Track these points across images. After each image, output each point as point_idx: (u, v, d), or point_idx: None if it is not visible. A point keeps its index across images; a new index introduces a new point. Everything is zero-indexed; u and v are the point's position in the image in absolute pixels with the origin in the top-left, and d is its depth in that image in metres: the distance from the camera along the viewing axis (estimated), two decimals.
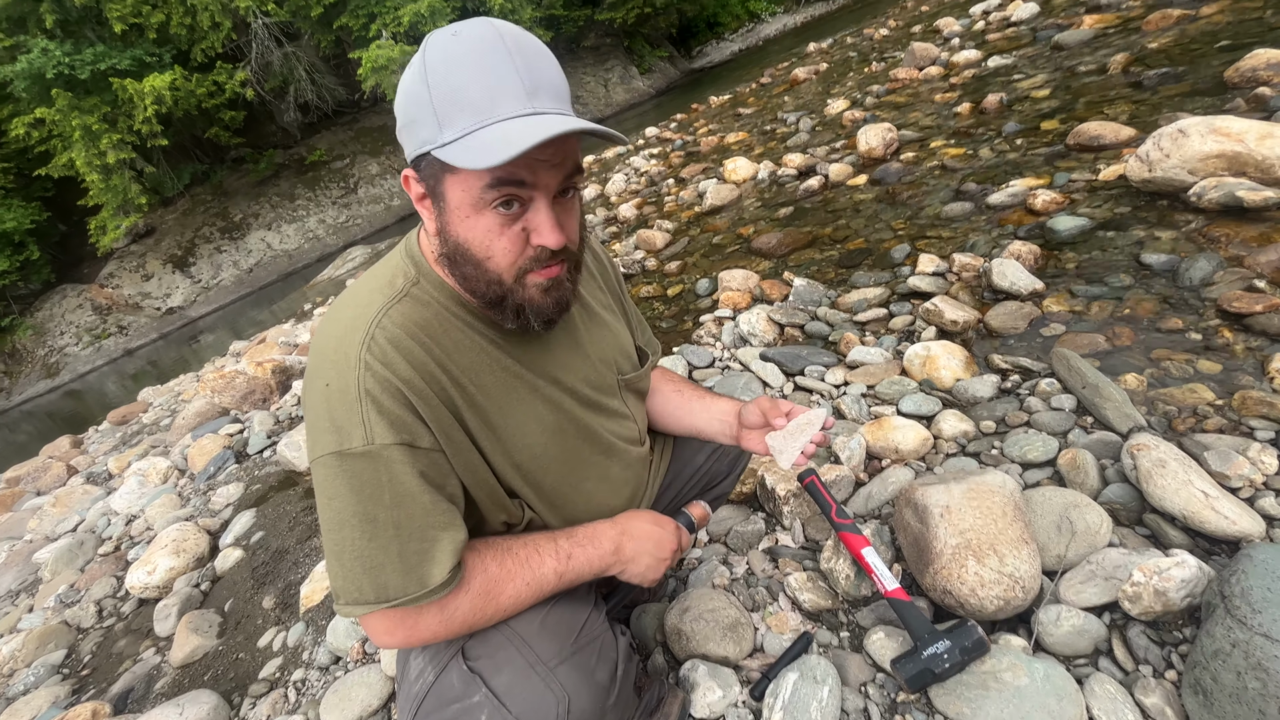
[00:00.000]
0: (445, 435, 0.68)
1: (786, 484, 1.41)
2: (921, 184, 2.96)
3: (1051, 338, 1.67)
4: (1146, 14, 3.91)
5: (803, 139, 4.66)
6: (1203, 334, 1.48)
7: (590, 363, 0.85)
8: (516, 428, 0.75)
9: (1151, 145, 2.04)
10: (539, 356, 0.78)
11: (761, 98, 7.53)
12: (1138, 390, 1.40)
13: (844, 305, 2.22)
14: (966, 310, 1.87)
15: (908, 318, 2.01)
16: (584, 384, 0.84)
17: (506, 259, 0.64)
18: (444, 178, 0.61)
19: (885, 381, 1.73)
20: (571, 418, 0.82)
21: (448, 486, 0.68)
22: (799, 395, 1.85)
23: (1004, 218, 2.36)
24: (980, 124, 3.38)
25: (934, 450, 1.47)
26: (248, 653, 1.72)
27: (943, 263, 2.19)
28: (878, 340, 1.97)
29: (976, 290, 2.00)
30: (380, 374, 0.64)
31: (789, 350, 2.04)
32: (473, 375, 0.71)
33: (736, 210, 3.76)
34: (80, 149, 13.59)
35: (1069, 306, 1.75)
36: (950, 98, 4.07)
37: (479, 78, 0.58)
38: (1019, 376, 1.59)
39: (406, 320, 0.68)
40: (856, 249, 2.62)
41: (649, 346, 1.03)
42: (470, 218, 0.62)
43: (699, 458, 1.11)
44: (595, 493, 0.86)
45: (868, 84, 5.54)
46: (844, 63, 7.40)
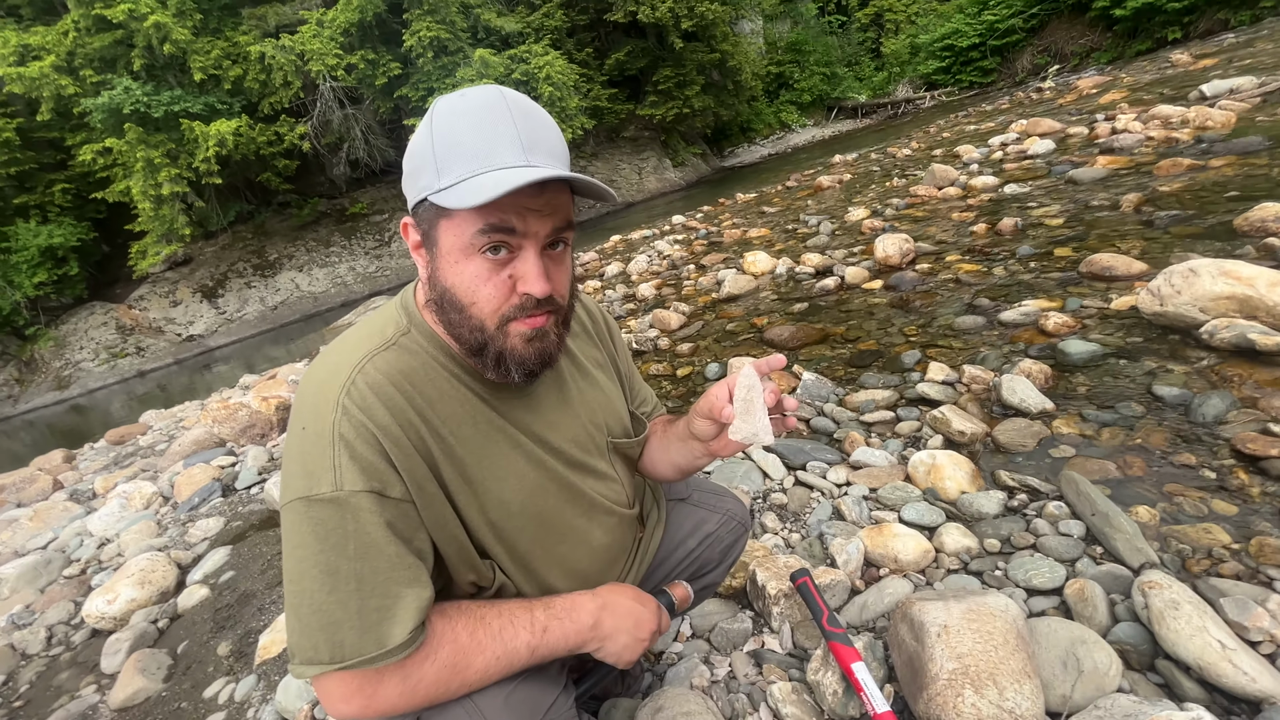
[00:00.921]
0: (418, 486, 0.66)
1: (778, 582, 1.35)
2: (935, 295, 3.02)
3: (1061, 460, 1.64)
4: (1157, 160, 4.11)
5: (822, 241, 4.82)
6: (1217, 473, 1.44)
7: (579, 423, 0.84)
8: (495, 482, 0.73)
9: (1163, 281, 2.08)
10: (525, 413, 0.77)
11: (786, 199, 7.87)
12: (1150, 524, 1.35)
13: (851, 404, 2.21)
14: (975, 422, 1.85)
15: (915, 424, 1.99)
16: (570, 444, 0.82)
17: (490, 305, 0.65)
18: (438, 223, 0.64)
19: (888, 486, 1.69)
20: (554, 476, 0.79)
21: (416, 540, 0.66)
22: (799, 491, 1.80)
23: (1015, 335, 2.38)
24: (995, 244, 3.48)
25: (935, 564, 1.40)
26: (191, 703, 1.61)
27: (953, 373, 2.19)
28: (883, 443, 1.94)
29: (985, 404, 1.98)
30: (356, 419, 0.63)
31: (793, 443, 2.01)
32: (453, 426, 0.70)
33: (752, 301, 3.84)
34: (139, 179, 14.40)
35: (1079, 430, 1.73)
36: (967, 217, 4.22)
37: (479, 130, 0.61)
38: (1026, 496, 1.54)
39: (390, 368, 0.68)
40: (867, 350, 2.64)
41: (645, 407, 1.01)
42: (459, 263, 0.64)
43: (690, 541, 1.07)
44: (572, 558, 0.82)
45: (888, 197, 5.79)
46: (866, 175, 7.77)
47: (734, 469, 1.93)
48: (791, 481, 1.86)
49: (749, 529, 1.16)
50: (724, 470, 1.95)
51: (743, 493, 1.82)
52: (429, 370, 0.70)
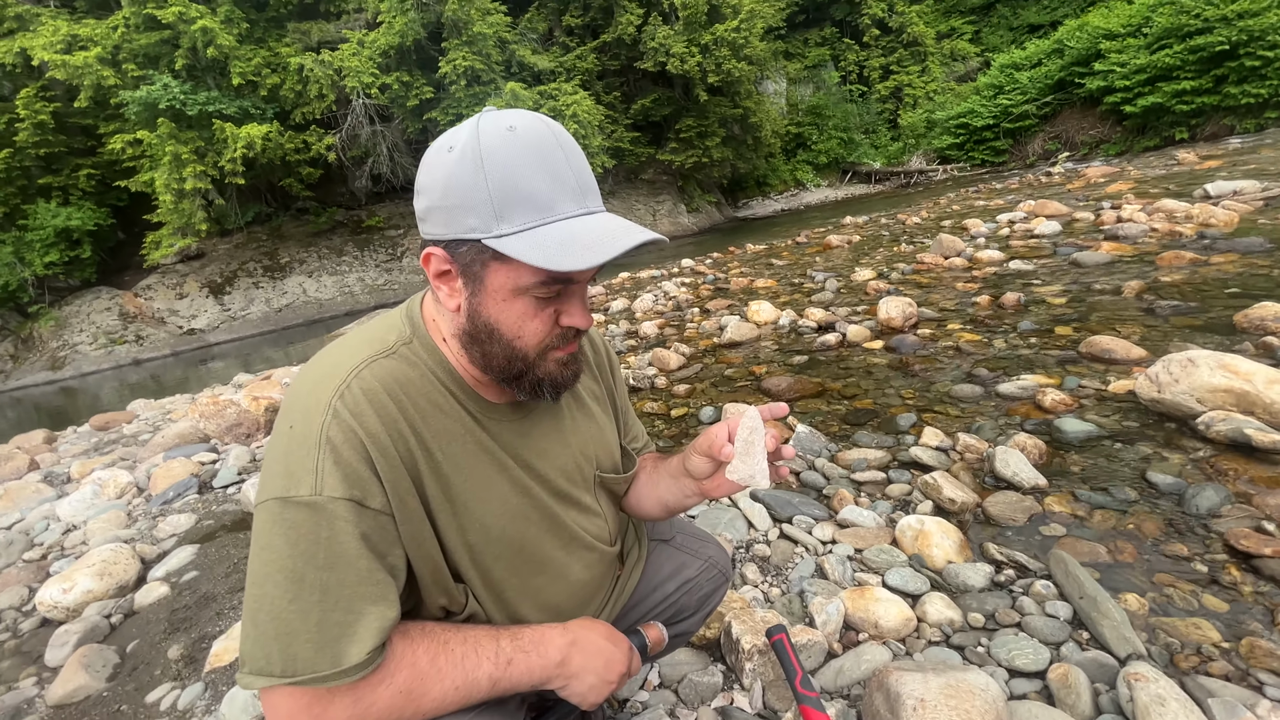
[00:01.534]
0: (399, 500, 0.65)
1: (754, 637, 1.30)
2: (935, 360, 3.03)
3: (1051, 538, 1.61)
4: (1161, 251, 4.19)
5: (827, 297, 4.87)
6: (1209, 567, 1.41)
7: (570, 453, 0.83)
8: (477, 504, 0.71)
9: (1161, 368, 2.08)
10: (516, 437, 0.76)
11: (795, 254, 7.99)
12: (1138, 613, 1.31)
13: (843, 461, 2.19)
14: (966, 491, 1.83)
15: (906, 487, 1.96)
16: (558, 474, 0.80)
17: (535, 339, 0.66)
18: (489, 264, 0.63)
19: (874, 548, 1.66)
20: (538, 505, 0.77)
21: (390, 556, 0.64)
22: (783, 544, 1.76)
23: (1012, 408, 2.37)
24: (997, 317, 3.51)
25: (916, 634, 1.36)
26: (131, 706, 1.54)
27: (947, 439, 2.18)
28: (872, 503, 1.91)
29: (978, 473, 1.96)
30: (346, 424, 0.62)
31: (781, 495, 1.98)
32: (443, 442, 0.69)
33: (753, 349, 3.86)
34: (164, 171, 14.66)
35: (1071, 509, 1.70)
36: (971, 288, 4.28)
37: (542, 177, 0.60)
38: (1014, 572, 1.51)
39: (388, 376, 0.67)
40: (863, 409, 2.63)
41: (636, 443, 1.00)
42: (508, 301, 0.64)
43: (669, 585, 1.04)
44: (547, 591, 0.80)
45: (895, 261, 5.88)
46: (875, 239, 7.90)
47: (719, 515, 1.90)
48: (776, 534, 1.83)
49: (729, 579, 1.13)
50: (709, 516, 1.91)
51: (726, 541, 1.78)
52: (425, 383, 0.69)
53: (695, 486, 0.82)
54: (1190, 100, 15.55)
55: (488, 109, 0.65)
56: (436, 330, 0.72)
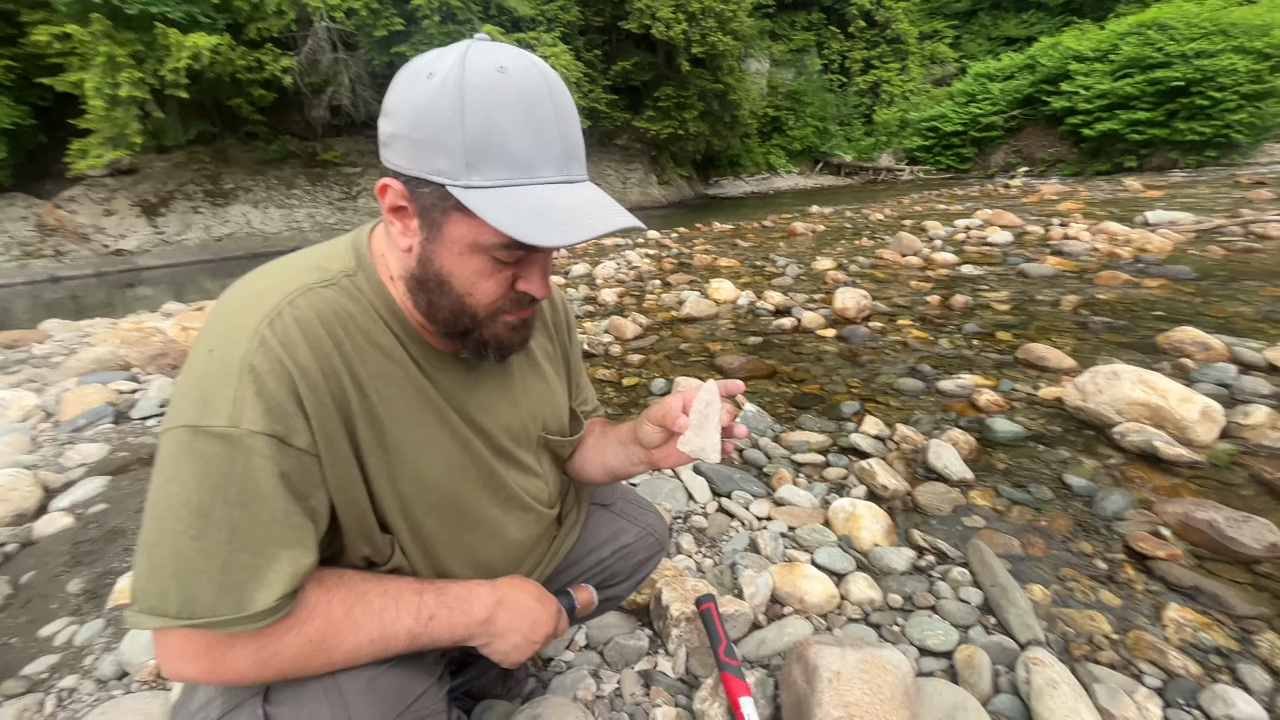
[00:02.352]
0: (327, 440, 0.61)
1: (682, 604, 1.32)
2: (883, 353, 3.12)
3: (971, 529, 1.69)
4: (1100, 270, 4.41)
5: (786, 282, 4.92)
6: (1108, 565, 1.51)
7: (516, 411, 0.80)
8: (413, 454, 0.68)
9: (1088, 378, 2.20)
10: (460, 390, 0.73)
11: (760, 236, 8.03)
12: (1042, 603, 1.40)
13: (786, 442, 2.23)
14: (899, 480, 1.89)
15: (842, 471, 2.02)
16: (502, 431, 0.78)
17: (488, 299, 0.63)
18: (451, 213, 0.58)
19: (807, 527, 1.70)
20: (478, 461, 0.75)
21: (311, 499, 0.60)
22: (720, 517, 1.79)
23: (949, 404, 2.47)
24: (945, 317, 3.63)
25: (838, 610, 1.41)
26: (22, 639, 1.45)
27: (886, 429, 2.25)
28: (809, 484, 1.96)
29: (912, 464, 2.04)
30: (275, 353, 0.57)
31: (722, 470, 2.01)
32: (380, 385, 0.65)
33: (710, 326, 3.87)
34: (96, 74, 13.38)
35: (992, 504, 1.79)
36: (924, 287, 4.40)
37: (525, 134, 0.56)
38: (934, 558, 1.58)
39: (325, 307, 0.62)
40: (810, 393, 2.68)
41: (586, 406, 0.98)
42: (464, 255, 0.60)
43: (604, 550, 1.04)
44: (480, 549, 0.78)
45: (855, 254, 5.99)
46: (838, 230, 8.02)
47: (660, 485, 1.91)
48: (715, 507, 1.85)
49: (665, 548, 1.13)
50: (650, 485, 1.92)
51: (665, 510, 1.80)
52: (367, 320, 0.65)
53: (644, 455, 0.82)
54: (1143, 130, 16.35)
55: (480, 37, 0.59)
56: (384, 266, 0.67)
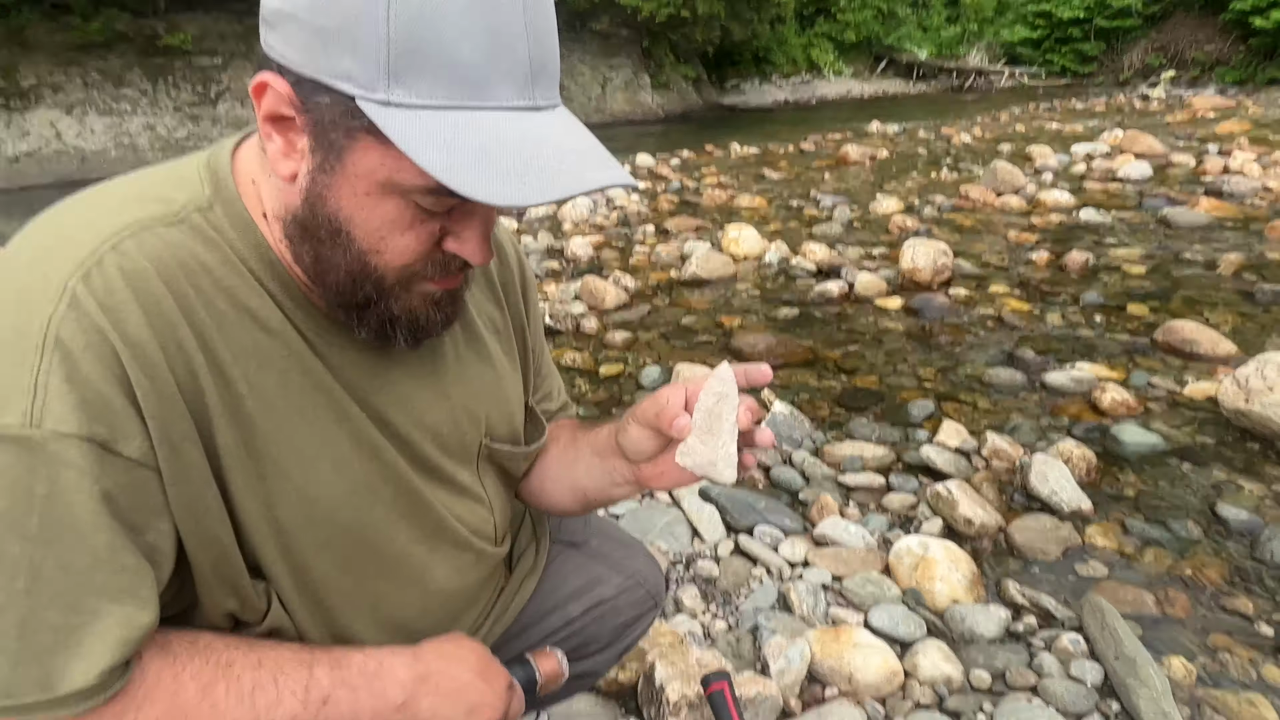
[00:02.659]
0: (171, 446, 0.59)
1: (684, 685, 1.33)
2: (968, 332, 3.14)
3: (1088, 580, 1.72)
4: (1272, 218, 4.45)
5: (834, 230, 4.94)
6: (1276, 630, 1.54)
7: (448, 407, 0.79)
8: (297, 467, 0.67)
9: (1254, 371, 2.23)
10: (368, 377, 0.72)
11: (797, 166, 8.03)
12: (1184, 683, 1.42)
13: (831, 457, 2.25)
14: (988, 510, 1.91)
15: (910, 498, 2.04)
16: (427, 436, 0.77)
17: (401, 259, 0.63)
18: (358, 136, 0.56)
19: (859, 576, 1.72)
20: (392, 477, 0.74)
21: (148, 531, 0.59)
22: (737, 562, 1.80)
23: (1060, 406, 2.49)
24: (1056, 282, 3.66)
25: (901, 692, 1.43)
26: None
27: (971, 439, 2.27)
28: (863, 517, 1.98)
29: (1006, 488, 2.06)
30: (93, 320, 0.55)
31: (740, 495, 2.02)
32: (250, 367, 0.64)
33: (725, 291, 3.88)
34: None
35: (1118, 544, 1.82)
36: (1027, 239, 4.43)
37: (479, 36, 0.54)
38: (1036, 620, 1.60)
39: (168, 254, 0.60)
40: (865, 388, 2.70)
41: (549, 403, 0.98)
42: (372, 197, 0.59)
43: (574, 606, 1.03)
44: (393, 602, 0.78)
45: (931, 191, 6.00)
46: (908, 158, 8.04)
47: (654, 516, 1.92)
48: (730, 548, 1.86)
49: (660, 605, 1.14)
50: (640, 516, 1.93)
51: (660, 553, 1.80)
52: (230, 274, 0.63)
53: (630, 472, 0.80)
54: None
55: None
56: (254, 198, 0.66)
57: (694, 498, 2.01)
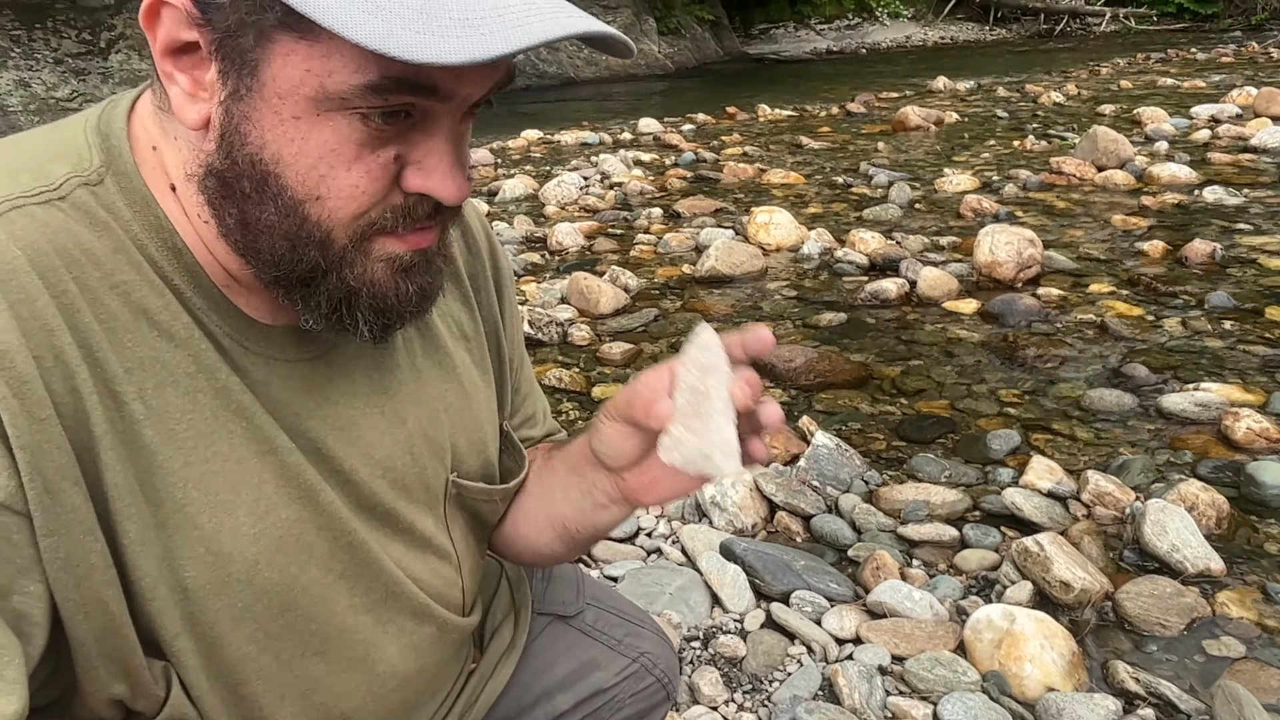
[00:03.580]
0: (45, 487, 0.59)
1: None
2: (1062, 342, 3.13)
3: (1220, 660, 1.70)
4: None
5: (891, 214, 4.94)
6: None
7: (404, 435, 0.80)
8: (206, 511, 0.67)
9: None
10: (301, 394, 0.72)
11: (842, 131, 8.06)
12: None
13: (889, 501, 2.24)
14: (1091, 572, 1.90)
15: (990, 555, 2.03)
16: (376, 472, 0.77)
17: (351, 205, 0.62)
18: (275, 36, 0.56)
19: (926, 657, 1.71)
20: (330, 524, 0.74)
21: (12, 594, 0.59)
22: (768, 636, 1.79)
23: (1181, 438, 2.48)
24: (1174, 279, 3.65)
25: None
26: None
27: (1068, 480, 2.25)
28: (930, 580, 1.97)
29: (1113, 543, 2.05)
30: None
31: (774, 552, 2.01)
32: (149, 384, 0.64)
33: (754, 291, 3.88)
34: None
35: (1257, 615, 1.80)
36: (1136, 224, 4.43)
37: None
38: (1154, 712, 1.59)
39: (45, 239, 0.61)
40: (932, 415, 2.69)
41: (532, 428, 0.98)
42: (302, 120, 0.59)
43: (563, 698, 1.03)
44: (330, 686, 0.78)
45: (1012, 163, 6.01)
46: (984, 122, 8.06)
47: (662, 579, 1.91)
48: (759, 619, 1.86)
49: (673, 695, 1.13)
50: (644, 578, 1.92)
51: (671, 625, 1.80)
52: (124, 266, 0.64)
53: (613, 485, 0.80)
54: None
55: None
56: (155, 167, 0.66)
57: (714, 555, 2.00)
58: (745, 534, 2.13)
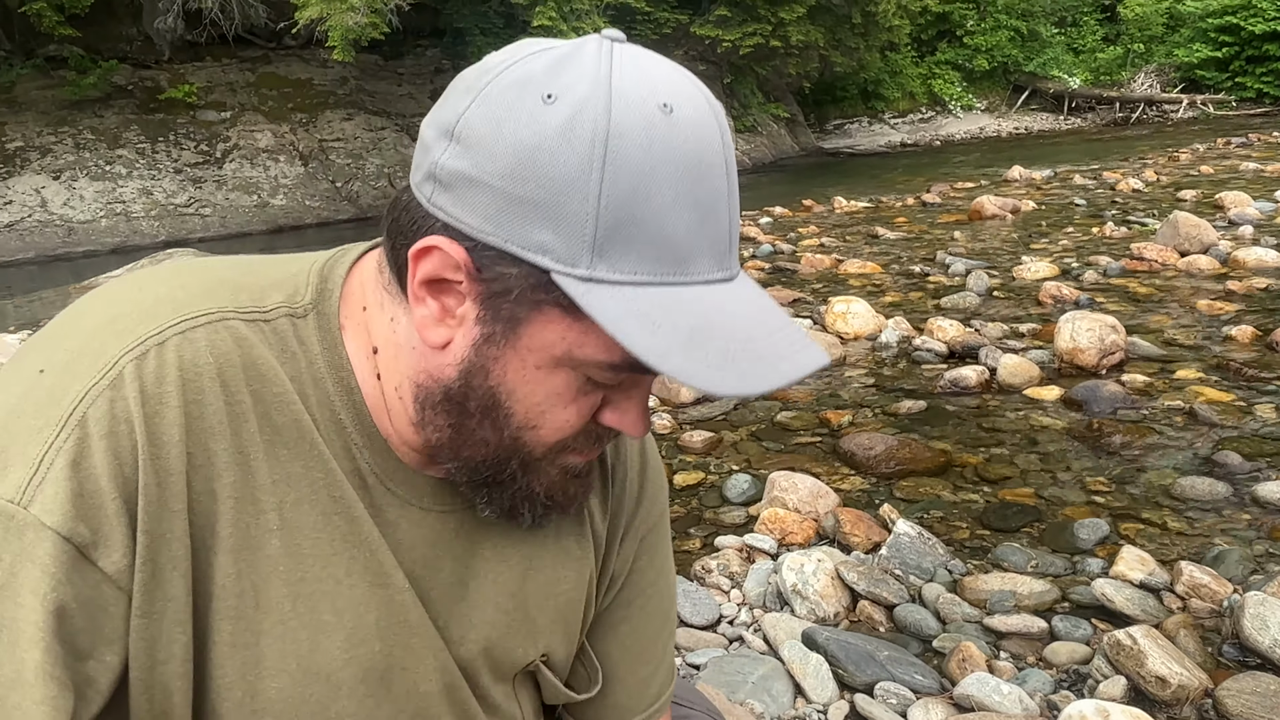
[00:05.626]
0: (154, 572, 0.62)
1: None
2: (1150, 430, 3.05)
3: None
4: None
5: (969, 302, 4.91)
6: None
7: (507, 608, 0.82)
8: (307, 629, 0.70)
9: None
10: (426, 542, 0.75)
11: (918, 222, 8.06)
12: None
13: (974, 592, 2.19)
14: (1189, 668, 1.82)
15: (1081, 648, 1.96)
16: (471, 632, 0.80)
17: (558, 434, 0.69)
18: (543, 309, 0.62)
19: None
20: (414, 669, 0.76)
21: (89, 660, 0.62)
22: None
23: (1279, 527, 2.38)
24: (1265, 364, 3.54)
25: None
26: None
27: (1161, 571, 2.18)
28: (1019, 673, 1.91)
29: (1211, 638, 1.97)
30: (127, 407, 0.61)
31: (857, 642, 1.97)
32: (288, 498, 0.68)
33: (831, 379, 3.87)
34: None
35: None
36: (1223, 310, 4.32)
37: (689, 212, 0.61)
38: None
39: (238, 353, 0.66)
40: (1017, 503, 2.64)
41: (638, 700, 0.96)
42: (542, 369, 0.65)
43: None
44: None
45: (1093, 250, 5.94)
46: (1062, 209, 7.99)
47: (745, 668, 1.89)
48: (844, 711, 1.82)
49: None
50: (727, 668, 1.90)
51: (753, 716, 1.77)
52: (299, 389, 0.69)
53: None
54: None
55: (610, 36, 0.63)
56: (360, 324, 0.72)
57: (796, 644, 1.97)
58: (827, 623, 2.10)
